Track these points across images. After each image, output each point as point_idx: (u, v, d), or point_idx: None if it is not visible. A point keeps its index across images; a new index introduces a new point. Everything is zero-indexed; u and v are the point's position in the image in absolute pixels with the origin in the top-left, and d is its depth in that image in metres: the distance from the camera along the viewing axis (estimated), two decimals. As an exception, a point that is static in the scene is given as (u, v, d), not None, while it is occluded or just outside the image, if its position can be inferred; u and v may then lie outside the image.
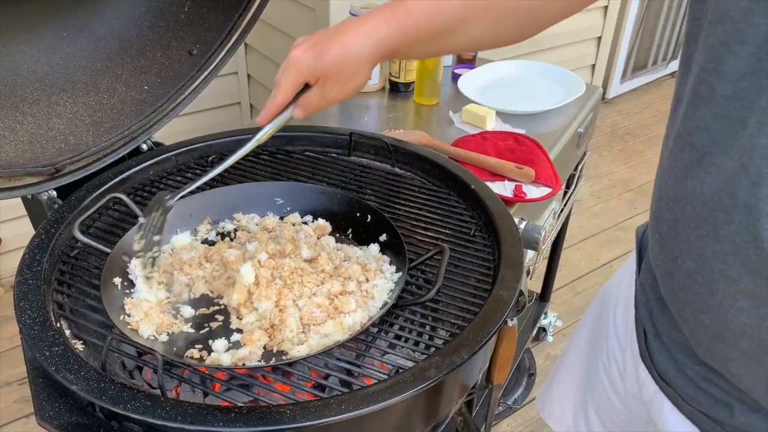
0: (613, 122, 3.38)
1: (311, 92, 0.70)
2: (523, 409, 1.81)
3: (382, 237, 0.82)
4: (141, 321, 0.70)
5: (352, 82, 0.70)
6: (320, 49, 0.67)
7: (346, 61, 0.67)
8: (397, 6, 0.67)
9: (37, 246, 0.78)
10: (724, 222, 0.50)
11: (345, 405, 0.57)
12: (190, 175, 0.99)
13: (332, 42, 0.67)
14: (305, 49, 0.68)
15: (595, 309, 0.90)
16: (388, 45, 0.67)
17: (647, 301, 0.70)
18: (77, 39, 0.96)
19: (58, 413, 0.60)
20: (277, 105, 0.71)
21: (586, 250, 2.45)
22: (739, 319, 0.53)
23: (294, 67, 0.68)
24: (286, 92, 0.70)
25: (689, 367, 0.63)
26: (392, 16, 0.67)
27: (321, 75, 0.68)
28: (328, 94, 0.70)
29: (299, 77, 0.69)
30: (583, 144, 1.47)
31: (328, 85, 0.69)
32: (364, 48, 0.67)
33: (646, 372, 0.70)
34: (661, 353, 0.67)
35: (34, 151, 0.89)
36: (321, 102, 0.71)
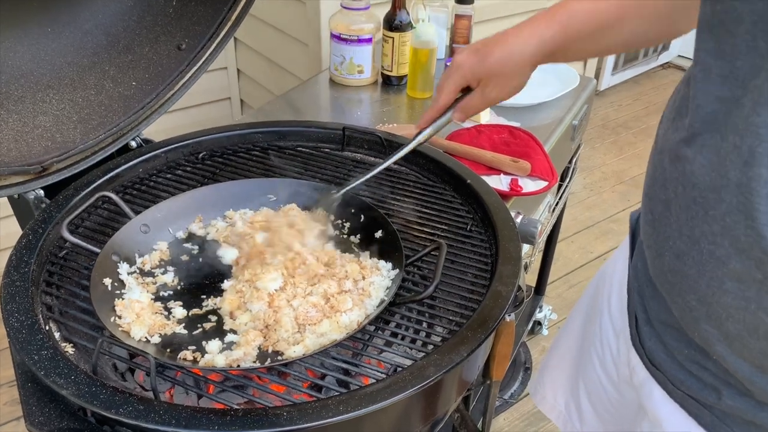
0: (605, 114, 3.38)
1: (472, 95, 0.74)
2: (520, 403, 1.81)
3: (378, 233, 0.81)
4: (133, 323, 0.68)
5: (513, 82, 0.73)
6: (484, 53, 0.71)
7: (509, 62, 0.70)
8: (558, 8, 0.71)
9: (25, 247, 0.76)
10: (714, 202, 0.51)
11: (343, 406, 0.56)
12: (180, 172, 0.98)
13: (495, 45, 0.71)
14: (468, 54, 0.72)
15: (589, 296, 0.91)
16: (550, 45, 0.71)
17: (639, 286, 0.71)
18: (63, 34, 0.94)
19: (49, 419, 0.59)
20: (439, 108, 0.76)
21: (579, 243, 2.45)
22: (725, 301, 0.53)
23: (458, 70, 0.72)
24: (449, 95, 0.74)
25: (678, 351, 0.64)
26: (554, 17, 0.70)
27: (484, 77, 0.72)
28: (489, 95, 0.74)
29: (462, 80, 0.73)
30: (577, 136, 1.46)
31: (490, 86, 0.73)
32: (527, 49, 0.70)
33: (637, 357, 0.71)
34: (651, 338, 0.68)
35: (19, 149, 0.87)
36: (482, 103, 0.75)
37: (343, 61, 1.44)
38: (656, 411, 0.68)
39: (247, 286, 0.72)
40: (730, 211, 0.50)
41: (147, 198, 0.90)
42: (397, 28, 1.40)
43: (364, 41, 1.41)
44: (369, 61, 1.45)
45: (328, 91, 1.48)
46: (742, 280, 0.51)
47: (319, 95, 1.48)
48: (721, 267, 0.52)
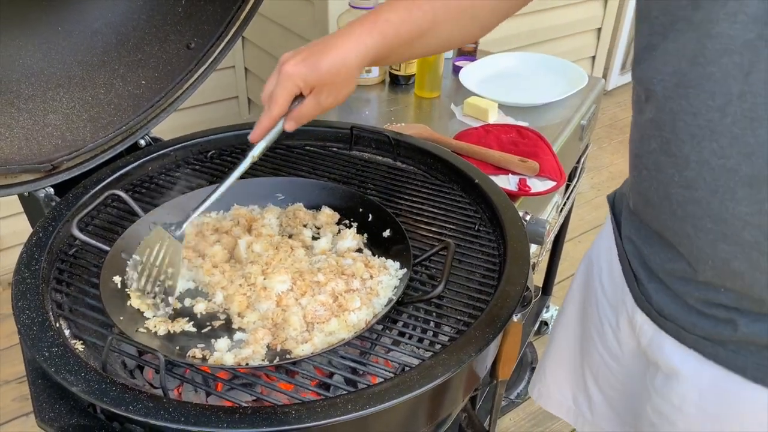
0: (613, 114, 3.36)
1: (305, 103, 0.74)
2: (526, 402, 1.80)
3: (386, 233, 0.81)
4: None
5: (345, 89, 0.75)
6: (314, 61, 0.71)
7: (341, 71, 0.71)
8: (377, 17, 0.73)
9: (35, 244, 0.77)
10: (719, 118, 0.55)
11: (351, 404, 0.56)
12: (188, 171, 0.98)
13: (325, 53, 0.71)
14: (297, 63, 0.71)
15: (579, 283, 0.93)
16: (374, 53, 0.73)
17: (635, 248, 0.75)
18: (73, 33, 0.95)
19: (59, 415, 0.59)
20: (272, 118, 0.74)
21: (587, 243, 2.44)
22: (740, 210, 0.57)
23: (289, 79, 0.72)
24: (282, 105, 0.73)
25: (689, 295, 0.67)
26: (374, 26, 0.72)
27: (317, 85, 0.72)
28: (323, 103, 0.74)
29: (294, 89, 0.72)
30: (585, 136, 1.46)
31: (324, 94, 0.73)
32: (355, 58, 0.72)
33: (644, 317, 0.74)
34: (658, 292, 0.71)
35: (30, 147, 0.87)
36: (315, 111, 0.75)
37: (351, 61, 1.44)
38: (669, 361, 0.71)
39: (252, 289, 0.73)
40: (735, 121, 0.54)
41: (156, 196, 0.91)
42: (405, 27, 1.39)
43: (372, 40, 1.41)
44: (377, 61, 1.44)
45: (336, 91, 1.48)
46: (753, 184, 0.55)
47: (326, 94, 1.48)
48: (732, 176, 0.56)
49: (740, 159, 0.55)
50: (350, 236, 0.82)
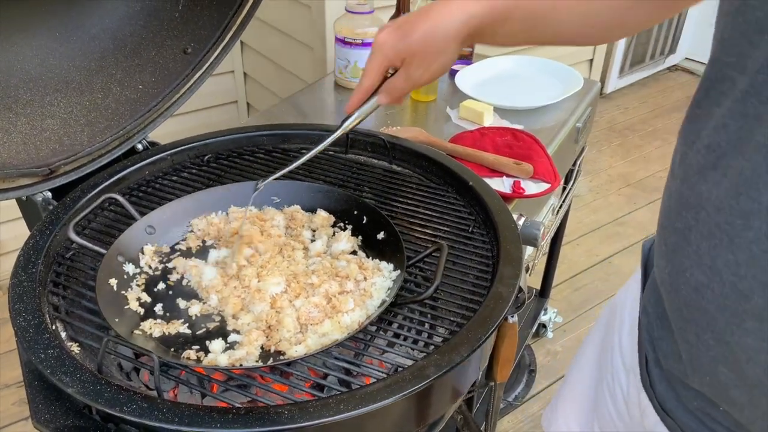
0: (612, 117, 3.37)
1: (396, 76, 0.69)
2: (524, 405, 1.81)
3: (380, 235, 0.82)
4: None
5: (437, 61, 0.68)
6: (405, 29, 0.66)
7: (432, 39, 0.65)
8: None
9: (32, 248, 0.77)
10: (741, 229, 0.47)
11: (344, 404, 0.57)
12: (186, 175, 0.99)
13: (418, 21, 0.66)
14: (390, 31, 0.67)
15: (601, 326, 0.87)
16: (477, 23, 0.65)
17: (649, 324, 0.67)
18: (71, 38, 0.96)
19: (55, 416, 0.60)
20: (363, 90, 0.71)
21: (585, 246, 2.45)
22: (745, 341, 0.49)
23: (379, 50, 0.67)
24: (372, 77, 0.69)
25: (689, 400, 0.60)
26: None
27: (406, 55, 0.67)
28: (413, 75, 0.69)
29: (385, 60, 0.68)
30: (581, 139, 1.46)
31: (413, 65, 0.68)
32: (452, 24, 0.65)
33: (647, 399, 0.67)
34: (661, 381, 0.64)
35: (28, 152, 0.88)
36: (406, 84, 0.70)
37: (348, 65, 1.45)
38: None
39: (247, 291, 0.73)
40: (758, 238, 0.46)
41: (153, 200, 0.91)
42: (402, 31, 1.40)
43: (368, 45, 1.42)
44: (373, 65, 1.45)
45: (333, 95, 1.49)
46: (765, 319, 0.47)
47: (324, 98, 1.50)
48: (743, 302, 0.48)
49: (755, 285, 0.47)
50: (345, 239, 0.83)
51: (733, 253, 0.48)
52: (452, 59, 0.69)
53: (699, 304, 0.53)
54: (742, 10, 0.46)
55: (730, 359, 0.52)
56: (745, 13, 0.45)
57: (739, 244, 0.48)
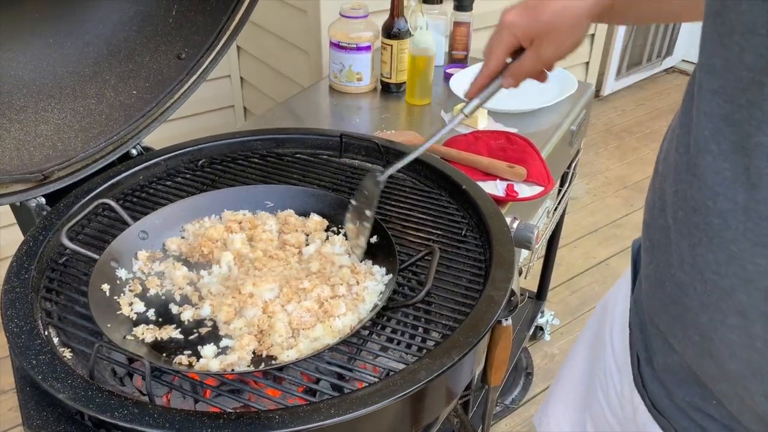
0: (609, 119, 3.38)
1: (524, 57, 0.67)
2: (521, 408, 1.80)
3: (373, 239, 0.82)
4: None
5: (570, 38, 0.66)
6: (535, 8, 0.65)
7: (564, 16, 0.64)
8: None
9: (25, 253, 0.77)
10: (719, 228, 0.47)
11: (334, 409, 0.57)
12: (179, 180, 0.99)
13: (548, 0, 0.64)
14: (519, 12, 0.66)
15: (593, 325, 0.87)
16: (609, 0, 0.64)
17: (640, 322, 0.67)
18: (64, 44, 0.96)
19: (46, 422, 0.60)
20: (489, 74, 0.69)
21: (582, 248, 2.45)
22: (728, 337, 0.50)
23: (508, 30, 0.66)
24: (500, 58, 0.68)
25: (680, 398, 0.61)
26: None
27: (537, 35, 0.65)
28: (544, 54, 0.67)
29: (513, 40, 0.67)
30: (576, 142, 1.47)
31: (545, 44, 0.66)
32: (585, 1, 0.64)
33: (640, 398, 0.67)
34: (653, 380, 0.64)
35: (21, 157, 0.88)
36: (535, 65, 0.68)
37: (343, 69, 1.46)
38: None
39: (239, 296, 0.73)
40: (736, 237, 0.46)
41: (147, 205, 0.91)
42: (396, 35, 1.41)
43: (362, 49, 1.42)
44: (368, 69, 1.46)
45: (328, 99, 1.50)
46: (747, 315, 0.47)
47: (319, 102, 1.50)
48: (725, 299, 0.49)
49: (736, 283, 0.47)
50: (339, 242, 0.83)
51: (712, 252, 0.49)
52: (583, 37, 0.67)
53: (682, 301, 0.53)
54: (720, 11, 0.46)
55: (714, 354, 0.52)
56: (722, 15, 0.46)
57: (718, 244, 0.48)
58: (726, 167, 0.46)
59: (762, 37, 0.42)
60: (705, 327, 0.52)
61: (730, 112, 0.46)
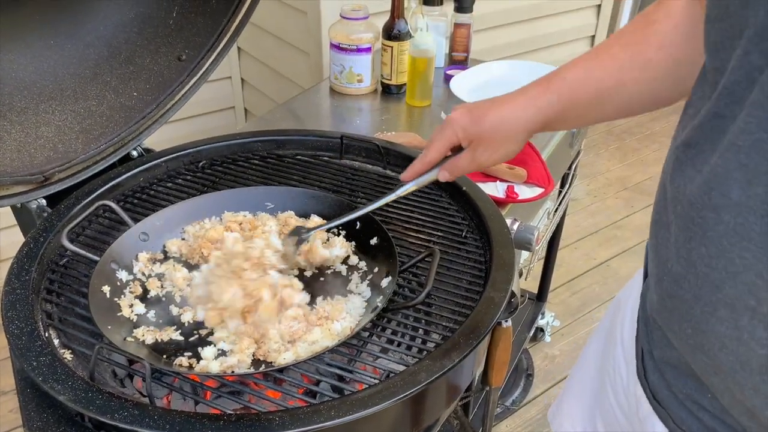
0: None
1: (461, 155, 0.73)
2: (522, 409, 1.80)
3: (373, 240, 0.82)
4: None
5: (503, 148, 0.72)
6: (478, 114, 0.70)
7: (501, 128, 0.70)
8: (553, 77, 0.70)
9: (26, 255, 0.77)
10: (713, 223, 0.49)
11: (335, 411, 0.57)
12: (180, 181, 0.99)
13: (490, 109, 0.70)
14: (462, 113, 0.71)
15: (607, 320, 0.88)
16: (546, 114, 0.69)
17: (645, 317, 0.69)
18: (65, 46, 0.96)
19: (47, 424, 0.60)
20: (426, 163, 0.74)
21: (583, 249, 2.45)
22: (718, 330, 0.51)
23: (450, 126, 0.71)
24: (439, 151, 0.73)
25: (678, 389, 0.62)
26: (549, 86, 0.69)
27: (474, 138, 0.71)
28: (479, 158, 0.72)
29: (454, 137, 0.72)
30: (576, 143, 1.47)
31: (480, 148, 0.72)
32: (522, 116, 0.69)
33: (642, 390, 0.69)
34: (654, 372, 0.66)
35: (22, 159, 0.88)
36: (470, 165, 0.73)
37: (343, 70, 1.46)
38: None
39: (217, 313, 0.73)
40: (727, 232, 0.48)
41: (147, 206, 0.92)
42: (396, 37, 1.41)
43: (363, 50, 1.43)
44: (368, 70, 1.46)
45: (329, 100, 1.50)
46: (735, 308, 0.49)
47: (319, 104, 1.50)
48: (715, 292, 0.50)
49: (725, 277, 0.49)
50: (339, 244, 0.83)
51: (705, 246, 0.50)
52: (519, 148, 0.73)
53: (678, 295, 0.55)
54: (722, 15, 0.47)
55: (706, 347, 0.54)
56: (724, 19, 0.47)
57: (711, 238, 0.50)
58: (720, 164, 0.48)
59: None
60: (698, 320, 0.53)
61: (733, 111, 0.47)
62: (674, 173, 0.54)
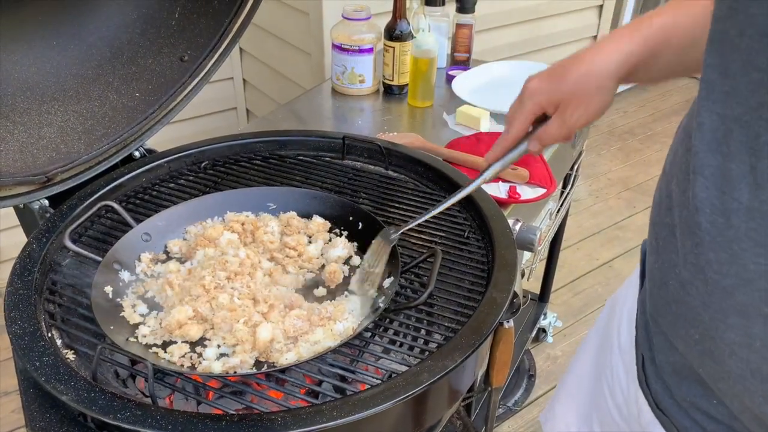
0: (611, 121, 3.37)
1: (550, 123, 0.68)
2: (524, 410, 1.80)
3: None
4: None
5: (595, 101, 0.66)
6: (559, 74, 0.65)
7: (589, 80, 0.65)
8: (641, 21, 0.65)
9: (28, 255, 0.78)
10: (722, 228, 0.48)
11: (337, 411, 0.57)
12: (182, 182, 0.99)
13: (573, 65, 0.65)
14: (542, 79, 0.66)
15: (602, 323, 0.87)
16: (634, 59, 0.65)
17: (645, 322, 0.68)
18: (68, 47, 0.96)
19: (49, 424, 0.60)
20: (510, 140, 0.70)
21: (585, 250, 2.44)
22: (728, 337, 0.50)
23: (530, 98, 0.67)
24: (522, 125, 0.68)
25: (682, 397, 0.61)
26: (636, 30, 0.65)
27: (561, 102, 0.66)
28: (570, 120, 0.67)
29: (536, 108, 0.67)
30: (578, 143, 1.47)
31: (570, 110, 0.67)
32: (610, 63, 0.65)
33: (644, 397, 0.68)
34: (657, 380, 0.65)
35: (25, 160, 0.88)
36: (561, 130, 0.68)
37: (345, 71, 1.46)
38: None
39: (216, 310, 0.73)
40: (738, 237, 0.47)
41: (150, 207, 0.92)
42: (398, 37, 1.41)
43: (365, 51, 1.43)
44: (370, 71, 1.46)
45: (331, 101, 1.50)
46: (748, 315, 0.48)
47: (321, 104, 1.50)
48: (726, 299, 0.49)
49: (737, 282, 0.48)
50: (341, 245, 0.83)
51: (714, 251, 0.49)
52: (611, 99, 0.68)
53: (685, 300, 0.54)
54: (729, 14, 0.46)
55: (715, 353, 0.52)
56: (731, 17, 0.46)
57: (720, 243, 0.48)
58: (732, 167, 0.47)
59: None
60: (706, 326, 0.52)
61: (741, 114, 0.46)
62: (682, 177, 0.53)
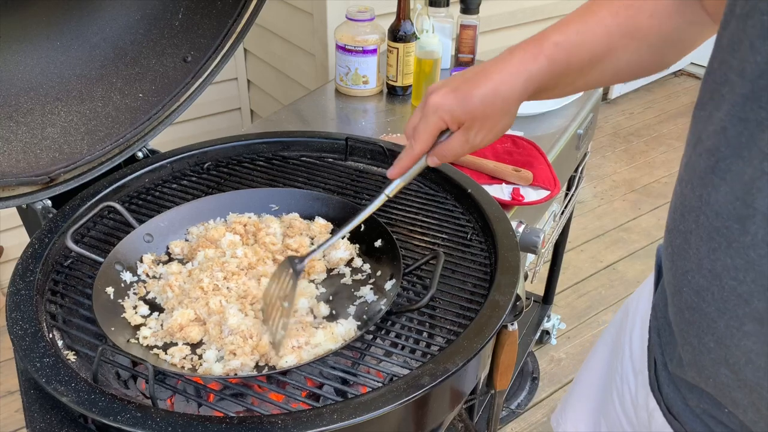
0: (616, 122, 3.36)
1: (453, 139, 0.67)
2: (527, 413, 1.79)
3: (378, 243, 0.81)
4: None
5: (500, 123, 0.66)
6: (464, 92, 0.64)
7: (495, 101, 0.63)
8: (543, 41, 0.64)
9: (31, 256, 0.78)
10: (738, 234, 0.47)
11: (338, 414, 0.57)
12: (185, 182, 0.99)
13: (477, 83, 0.64)
14: (445, 93, 0.64)
15: (614, 328, 0.86)
16: (538, 80, 0.64)
17: (658, 326, 0.67)
18: (71, 48, 0.96)
19: (50, 425, 0.60)
20: (414, 156, 0.68)
21: (590, 252, 2.43)
22: (745, 344, 0.49)
23: (435, 113, 0.65)
24: (425, 142, 0.67)
25: (694, 403, 0.60)
26: (540, 51, 0.63)
27: (466, 120, 0.64)
28: (473, 140, 0.66)
29: (441, 124, 0.65)
30: (583, 145, 1.46)
31: (474, 129, 0.65)
32: (515, 86, 0.63)
33: (655, 402, 0.67)
34: (669, 384, 0.64)
35: (28, 160, 0.89)
36: (464, 148, 0.67)
37: (349, 72, 1.46)
38: None
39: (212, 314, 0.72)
40: (755, 243, 0.46)
41: (152, 208, 0.92)
42: (402, 38, 1.41)
43: (368, 52, 1.42)
44: (374, 72, 1.46)
45: (334, 101, 1.50)
46: (765, 322, 0.47)
47: (325, 105, 1.50)
48: (742, 306, 0.48)
49: (754, 289, 0.47)
50: (343, 246, 0.83)
51: (731, 257, 0.48)
52: (512, 122, 0.67)
53: (700, 307, 0.53)
54: (751, 13, 0.45)
55: (730, 361, 0.52)
56: (753, 17, 0.45)
57: (737, 249, 0.48)
58: (751, 172, 0.46)
59: None
60: (721, 333, 0.51)
61: (763, 117, 0.45)
62: (696, 181, 0.52)
